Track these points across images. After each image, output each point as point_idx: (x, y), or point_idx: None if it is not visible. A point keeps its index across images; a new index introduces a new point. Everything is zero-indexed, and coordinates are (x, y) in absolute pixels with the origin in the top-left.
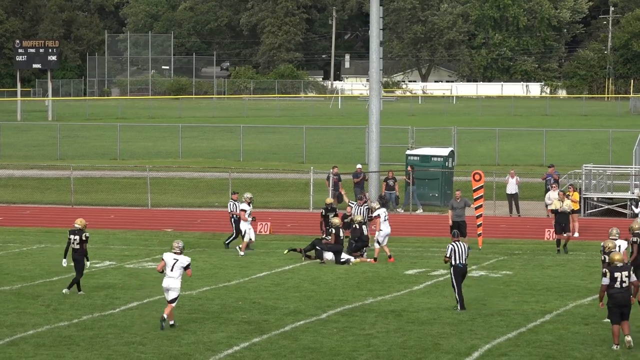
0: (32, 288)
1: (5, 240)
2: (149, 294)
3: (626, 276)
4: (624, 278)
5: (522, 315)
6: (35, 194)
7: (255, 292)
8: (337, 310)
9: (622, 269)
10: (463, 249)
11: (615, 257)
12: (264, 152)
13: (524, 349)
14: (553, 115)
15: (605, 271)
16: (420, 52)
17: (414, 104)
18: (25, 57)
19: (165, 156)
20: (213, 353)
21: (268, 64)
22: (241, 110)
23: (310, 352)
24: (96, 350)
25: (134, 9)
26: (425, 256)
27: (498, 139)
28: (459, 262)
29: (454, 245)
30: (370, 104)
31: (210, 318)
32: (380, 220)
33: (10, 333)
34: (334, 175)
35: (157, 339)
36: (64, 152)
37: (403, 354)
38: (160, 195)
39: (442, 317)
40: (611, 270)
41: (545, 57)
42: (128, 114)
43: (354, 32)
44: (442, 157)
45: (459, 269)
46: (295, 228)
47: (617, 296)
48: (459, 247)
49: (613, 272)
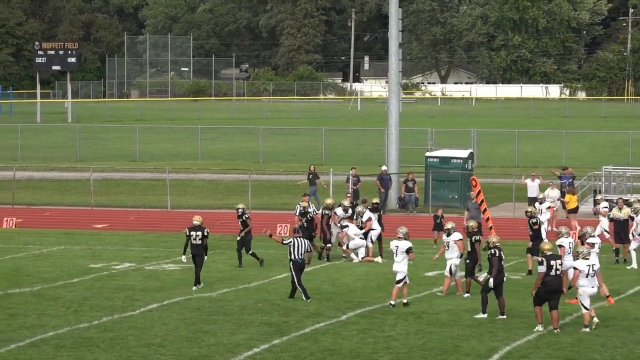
0: (52, 290)
1: (26, 241)
2: (168, 295)
3: (559, 264)
4: (557, 266)
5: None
6: (55, 196)
7: (275, 293)
8: (357, 312)
9: (555, 258)
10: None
11: (545, 247)
12: (284, 154)
13: (544, 351)
14: (572, 117)
15: (542, 260)
16: (439, 54)
17: (433, 106)
18: (44, 59)
19: (184, 158)
20: (233, 355)
21: (287, 66)
22: (260, 112)
23: (330, 354)
24: (116, 352)
25: (153, 10)
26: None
27: (517, 140)
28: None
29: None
30: (390, 106)
31: (230, 320)
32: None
33: (30, 334)
34: (353, 177)
35: (177, 340)
36: (83, 154)
37: (423, 356)
38: (179, 196)
39: (462, 319)
40: (547, 259)
41: (565, 58)
42: (147, 115)
43: (373, 33)
44: (461, 159)
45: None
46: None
47: (551, 283)
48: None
49: (549, 260)
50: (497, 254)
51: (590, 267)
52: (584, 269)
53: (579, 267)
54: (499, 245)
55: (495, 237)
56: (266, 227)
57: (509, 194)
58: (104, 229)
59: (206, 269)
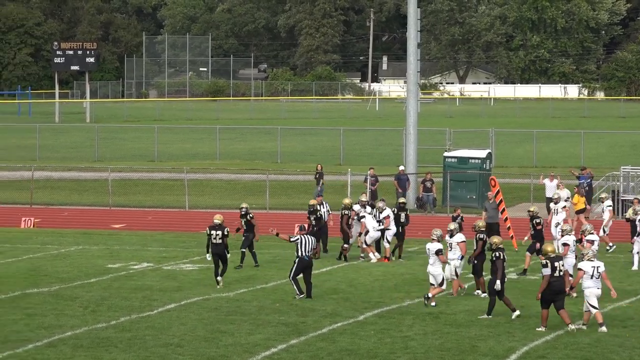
0: (70, 290)
1: (44, 241)
2: (186, 295)
3: (562, 265)
4: (560, 267)
5: (559, 317)
6: (73, 196)
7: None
8: (375, 312)
9: (558, 259)
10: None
11: (549, 249)
12: (302, 154)
13: (562, 352)
14: (591, 117)
15: (547, 262)
16: (457, 54)
17: (452, 106)
18: (63, 59)
19: (202, 158)
20: (250, 355)
21: (305, 66)
22: (278, 112)
23: (347, 354)
24: (134, 352)
25: (171, 10)
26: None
27: (536, 141)
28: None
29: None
30: (408, 106)
31: (248, 320)
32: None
33: (48, 334)
34: (371, 177)
35: (195, 340)
36: (101, 154)
37: (440, 356)
38: (197, 197)
39: (480, 319)
40: (551, 261)
41: (583, 58)
42: (166, 115)
43: (392, 33)
44: (479, 159)
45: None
46: (332, 230)
47: (555, 284)
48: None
49: (553, 262)
50: (501, 256)
51: (595, 269)
52: (589, 270)
53: (584, 269)
54: (502, 247)
55: (497, 237)
56: (284, 227)
57: (527, 194)
58: (122, 229)
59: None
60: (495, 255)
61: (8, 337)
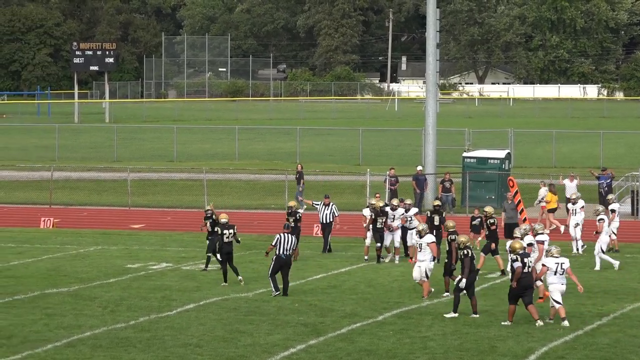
0: (89, 290)
1: (63, 242)
2: (205, 295)
3: (530, 261)
4: (529, 263)
5: (579, 317)
6: (93, 196)
7: (312, 294)
8: (394, 312)
9: (527, 256)
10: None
11: (516, 246)
12: (321, 154)
13: (581, 352)
14: (610, 117)
15: (517, 257)
16: (477, 54)
17: (471, 106)
18: (82, 60)
19: (221, 158)
20: (269, 355)
21: (324, 66)
22: (297, 112)
23: (366, 355)
24: (153, 352)
25: (190, 11)
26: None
27: (555, 141)
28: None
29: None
30: (427, 106)
31: (267, 320)
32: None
33: (67, 334)
34: (390, 177)
35: (214, 341)
36: (120, 154)
37: (460, 356)
38: (217, 197)
39: (499, 319)
40: (521, 257)
41: (603, 59)
42: (185, 116)
43: (411, 34)
44: (498, 160)
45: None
46: (351, 230)
47: (523, 280)
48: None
49: (522, 258)
50: (470, 254)
51: (559, 265)
52: (552, 267)
53: (547, 265)
54: (469, 245)
55: (464, 237)
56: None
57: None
58: (141, 229)
59: (243, 269)
60: (463, 253)
61: (27, 337)
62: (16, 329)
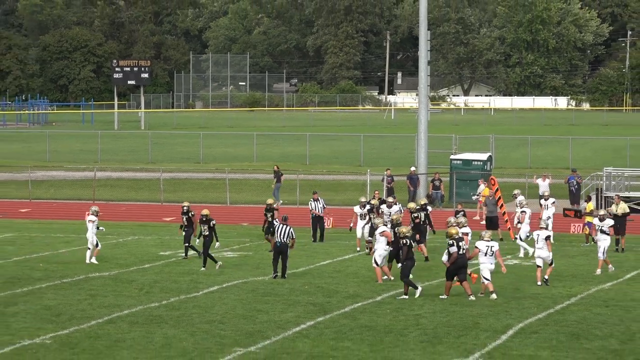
0: (127, 274)
1: (104, 232)
2: (227, 279)
3: (464, 245)
4: (464, 246)
5: (550, 298)
6: (130, 193)
7: (320, 277)
8: (391, 293)
9: (461, 240)
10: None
11: (452, 232)
12: (327, 157)
13: (552, 328)
14: (578, 125)
15: (453, 242)
16: (462, 70)
17: (457, 115)
18: (121, 75)
19: (242, 160)
20: (283, 330)
21: (330, 81)
22: (307, 121)
23: (367, 330)
24: (182, 328)
25: (215, 33)
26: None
27: (530, 145)
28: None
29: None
30: (419, 115)
31: (281, 300)
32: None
33: (108, 312)
34: (387, 177)
35: (235, 318)
36: (154, 157)
37: (447, 331)
38: (237, 193)
39: (481, 300)
40: (456, 241)
41: (571, 74)
42: (210, 123)
43: (405, 52)
44: (481, 161)
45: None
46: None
47: (458, 260)
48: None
49: (457, 242)
50: (407, 242)
51: (489, 248)
52: (483, 249)
53: (479, 247)
54: (408, 235)
55: (405, 228)
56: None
57: (522, 192)
58: (172, 221)
59: (260, 257)
60: (402, 242)
61: (74, 314)
62: (64, 308)
